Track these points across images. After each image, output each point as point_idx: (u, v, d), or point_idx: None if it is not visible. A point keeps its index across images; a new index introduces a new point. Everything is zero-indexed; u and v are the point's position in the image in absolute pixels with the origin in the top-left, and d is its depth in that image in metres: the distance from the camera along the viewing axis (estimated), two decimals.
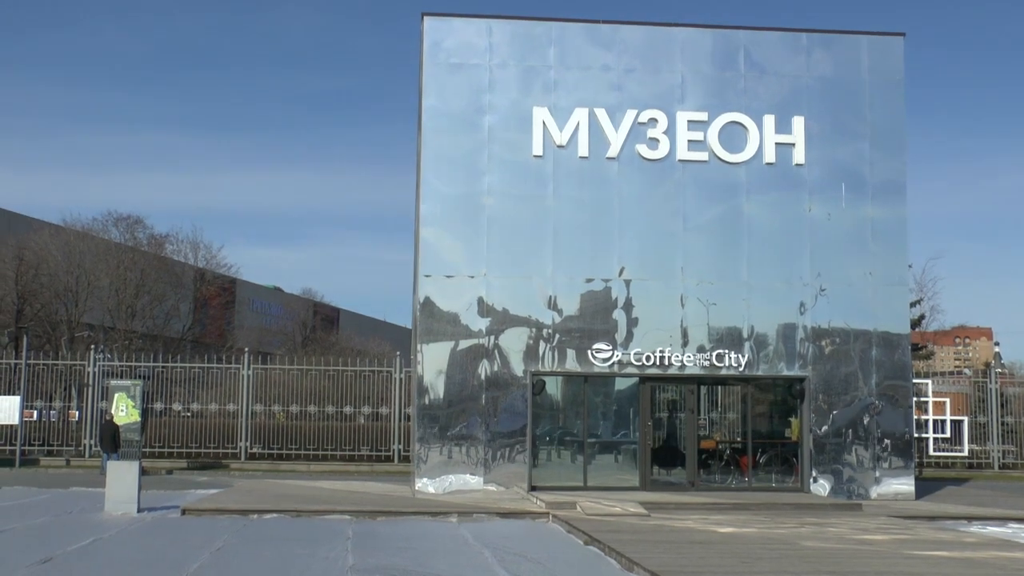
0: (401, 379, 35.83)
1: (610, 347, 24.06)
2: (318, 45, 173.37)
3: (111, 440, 30.47)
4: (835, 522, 19.43)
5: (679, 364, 24.15)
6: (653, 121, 24.60)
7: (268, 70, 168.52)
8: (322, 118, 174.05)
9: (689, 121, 24.71)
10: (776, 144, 24.81)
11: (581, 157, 24.43)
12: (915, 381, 30.95)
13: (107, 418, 31.77)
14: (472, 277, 24.09)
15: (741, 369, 24.26)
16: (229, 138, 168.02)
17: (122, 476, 19.63)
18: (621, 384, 25.02)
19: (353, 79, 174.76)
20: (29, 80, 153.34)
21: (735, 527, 18.22)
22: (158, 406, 36.69)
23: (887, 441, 24.49)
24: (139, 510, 19.46)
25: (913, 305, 45.05)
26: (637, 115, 24.55)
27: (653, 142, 24.56)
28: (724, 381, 25.06)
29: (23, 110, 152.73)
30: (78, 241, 63.22)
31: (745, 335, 24.35)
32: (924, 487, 26.80)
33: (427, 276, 24.08)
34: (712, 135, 24.68)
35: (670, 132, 24.62)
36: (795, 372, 24.44)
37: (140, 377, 35.91)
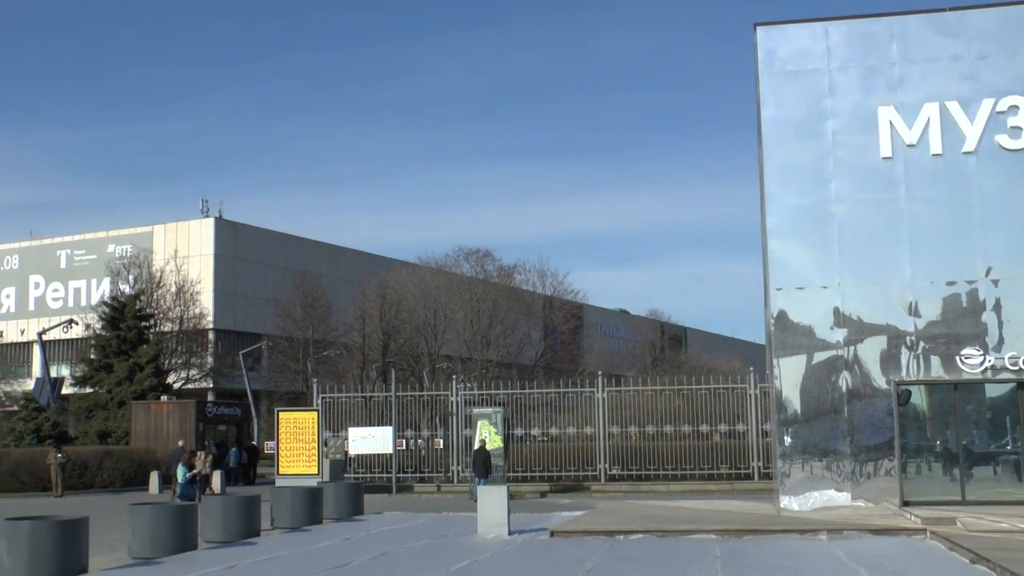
0: (756, 395, 35.30)
1: (980, 352, 22.62)
2: (649, 65, 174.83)
3: (483, 465, 31.61)
4: None
5: None
6: (1013, 108, 22.99)
7: (600, 94, 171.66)
8: (658, 137, 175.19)
9: None
10: None
11: (934, 155, 23.21)
12: None
13: (479, 444, 33.03)
14: (825, 287, 23.39)
15: None
16: (570, 165, 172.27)
17: (492, 500, 20.34)
18: (994, 391, 23.44)
19: (685, 95, 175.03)
20: (378, 127, 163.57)
21: None
22: (518, 432, 37.90)
23: None
24: (510, 533, 20.04)
25: None
26: (995, 104, 23.02)
27: (1015, 131, 22.94)
28: None
29: (375, 155, 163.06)
30: (433, 277, 66.56)
31: None
32: None
33: (778, 289, 23.60)
34: None
35: None
36: None
37: (499, 404, 37.21)
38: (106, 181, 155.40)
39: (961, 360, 22.68)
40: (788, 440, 23.25)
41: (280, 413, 36.88)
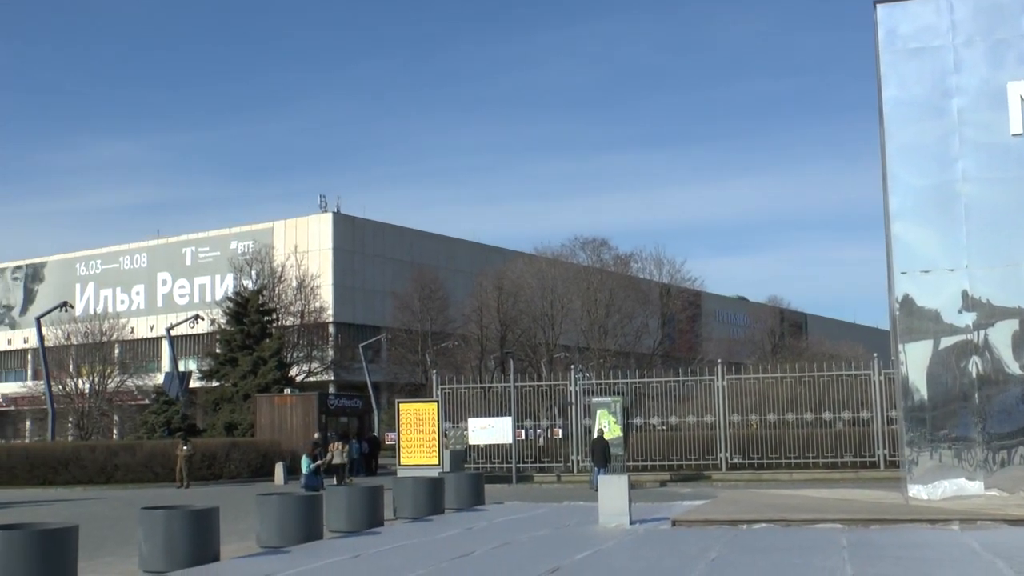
0: (880, 381, 34.55)
1: None
2: (764, 49, 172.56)
3: (602, 455, 31.56)
4: None
5: None
6: None
7: (715, 80, 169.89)
8: (774, 121, 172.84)
9: None
10: None
11: None
12: None
13: (598, 434, 32.97)
14: (952, 270, 22.71)
15: None
16: (685, 153, 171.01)
17: (613, 490, 20.26)
18: None
19: (801, 79, 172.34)
20: (492, 119, 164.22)
21: None
22: (637, 421, 37.72)
23: None
24: (631, 522, 19.94)
25: None
26: None
27: None
28: None
29: (490, 148, 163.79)
30: (549, 267, 66.62)
31: None
32: None
33: (903, 273, 22.98)
34: None
35: None
36: None
37: (617, 394, 37.08)
38: (227, 180, 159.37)
39: None
40: (915, 427, 22.65)
41: (400, 405, 37.30)
